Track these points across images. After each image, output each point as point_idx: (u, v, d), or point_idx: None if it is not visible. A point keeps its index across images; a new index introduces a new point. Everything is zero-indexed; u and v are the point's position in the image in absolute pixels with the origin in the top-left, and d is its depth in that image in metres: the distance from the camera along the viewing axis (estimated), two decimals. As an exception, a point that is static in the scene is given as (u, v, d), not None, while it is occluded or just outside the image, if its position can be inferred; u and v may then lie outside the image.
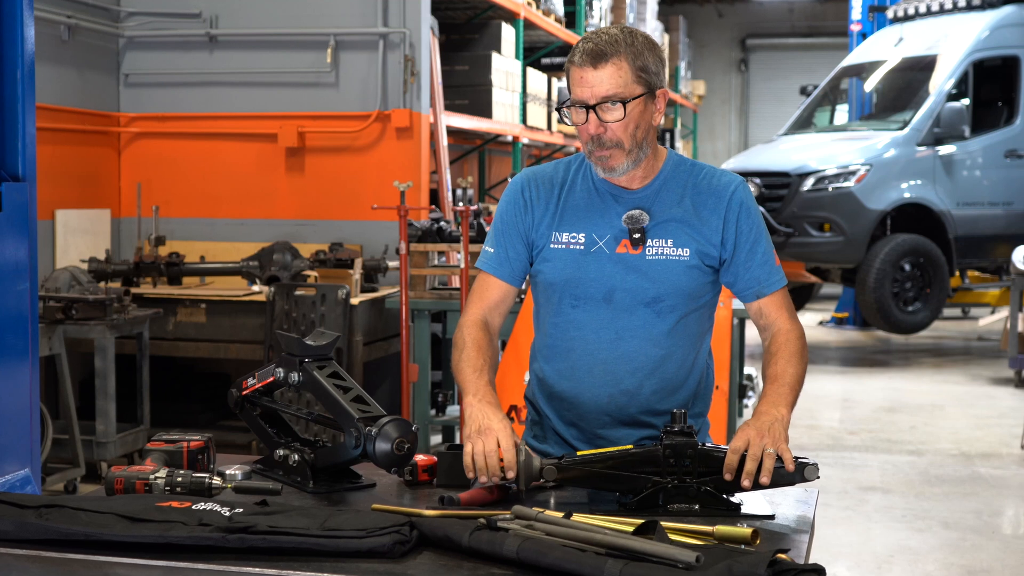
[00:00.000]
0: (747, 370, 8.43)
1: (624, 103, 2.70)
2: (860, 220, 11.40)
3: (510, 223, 2.90)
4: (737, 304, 7.23)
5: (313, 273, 7.30)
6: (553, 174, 2.91)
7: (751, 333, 12.16)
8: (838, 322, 14.61)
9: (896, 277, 11.44)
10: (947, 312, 14.73)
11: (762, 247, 2.84)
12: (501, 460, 2.49)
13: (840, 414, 9.32)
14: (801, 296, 13.95)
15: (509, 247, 2.89)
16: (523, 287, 3.06)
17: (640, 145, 2.76)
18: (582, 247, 2.83)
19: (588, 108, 2.72)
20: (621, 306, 2.82)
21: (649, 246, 2.80)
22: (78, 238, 7.83)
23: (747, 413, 7.90)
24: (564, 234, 2.85)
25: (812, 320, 15.06)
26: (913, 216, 11.69)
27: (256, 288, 7.31)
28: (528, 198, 2.89)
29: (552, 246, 2.86)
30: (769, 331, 2.86)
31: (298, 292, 7.00)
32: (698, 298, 2.85)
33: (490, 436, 2.52)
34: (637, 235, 2.79)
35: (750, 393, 8.29)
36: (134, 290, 7.18)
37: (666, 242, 2.81)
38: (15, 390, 4.11)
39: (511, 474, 2.49)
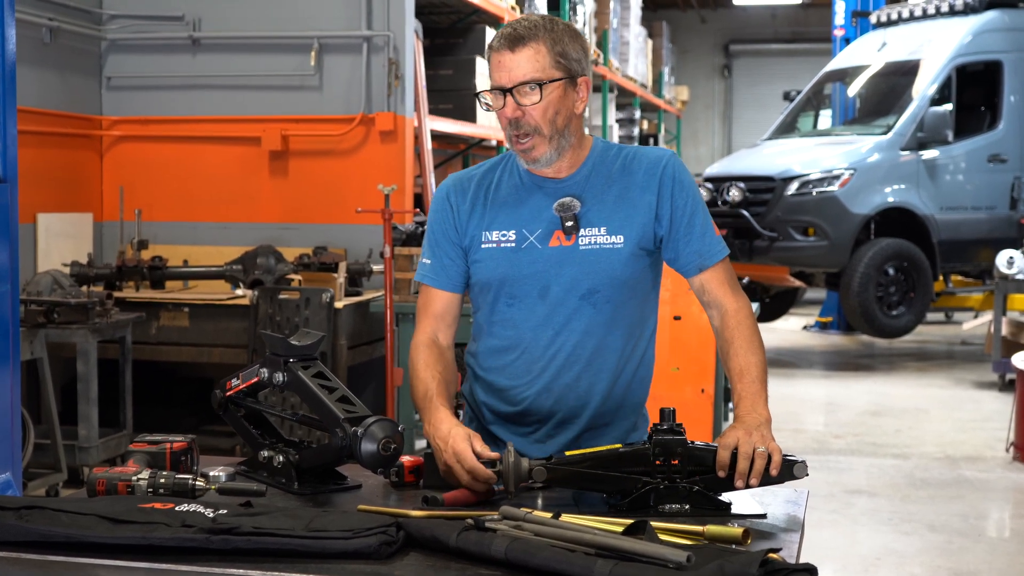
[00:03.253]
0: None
1: (541, 86, 2.68)
2: (844, 224, 11.40)
3: (440, 231, 2.87)
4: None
5: (297, 277, 7.27)
6: (478, 175, 2.88)
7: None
8: (822, 327, 14.63)
9: (880, 281, 11.44)
10: (931, 316, 14.77)
11: (699, 219, 2.81)
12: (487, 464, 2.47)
13: (825, 418, 9.33)
14: (785, 301, 13.96)
15: (444, 255, 2.86)
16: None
17: (561, 132, 2.73)
18: (513, 244, 2.79)
19: (505, 92, 2.69)
20: (557, 300, 2.78)
21: (582, 235, 2.76)
22: (60, 242, 7.78)
23: (730, 416, 7.88)
24: (494, 232, 2.81)
25: (796, 325, 15.07)
26: (897, 220, 11.69)
27: (239, 292, 7.27)
28: (453, 203, 2.86)
29: (483, 246, 2.82)
30: (716, 310, 2.81)
31: (282, 296, 6.96)
32: (635, 285, 2.81)
33: (465, 456, 2.48)
34: (570, 223, 2.75)
35: (735, 397, 8.27)
36: (117, 294, 7.12)
37: (599, 230, 2.77)
38: (-4, 393, 4.07)
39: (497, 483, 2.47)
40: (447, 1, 10.07)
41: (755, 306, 7.78)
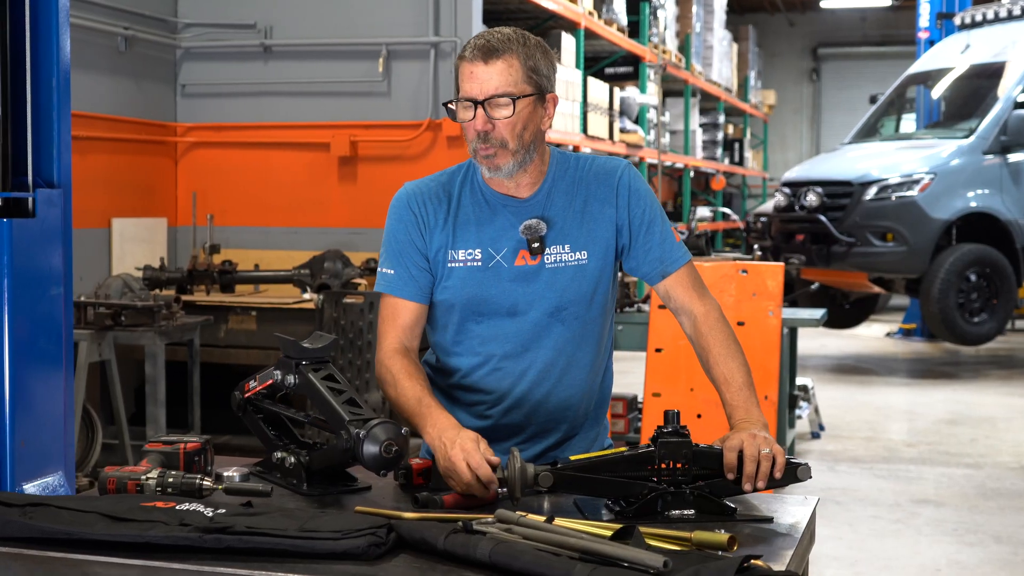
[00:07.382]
0: (801, 380, 8.30)
1: (514, 100, 2.65)
2: (924, 229, 11.21)
3: (405, 240, 2.80)
4: (787, 313, 7.15)
5: (363, 281, 7.33)
6: (438, 188, 2.81)
7: (803, 344, 12.01)
8: (905, 333, 14.41)
9: (961, 288, 11.21)
10: (1020, 324, 14.48)
11: (658, 226, 2.80)
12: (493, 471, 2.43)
13: (900, 426, 9.18)
14: (866, 307, 13.76)
15: (411, 265, 2.79)
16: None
17: (527, 148, 2.71)
18: (480, 263, 2.76)
19: (476, 104, 2.66)
20: (526, 319, 2.76)
21: (547, 254, 2.75)
22: (135, 246, 7.94)
23: (799, 424, 7.79)
24: (460, 251, 2.76)
25: (879, 331, 14.86)
26: (979, 226, 11.47)
27: (307, 296, 7.36)
28: (417, 213, 2.79)
29: (449, 264, 2.77)
30: (686, 316, 2.80)
31: (347, 300, 7.03)
32: (600, 300, 2.81)
33: (473, 454, 2.43)
34: (536, 244, 2.74)
35: (803, 404, 8.16)
36: (187, 298, 7.25)
37: (563, 248, 2.76)
38: (49, 394, 4.16)
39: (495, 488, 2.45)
40: (523, 7, 10.11)
41: (820, 313, 7.68)
